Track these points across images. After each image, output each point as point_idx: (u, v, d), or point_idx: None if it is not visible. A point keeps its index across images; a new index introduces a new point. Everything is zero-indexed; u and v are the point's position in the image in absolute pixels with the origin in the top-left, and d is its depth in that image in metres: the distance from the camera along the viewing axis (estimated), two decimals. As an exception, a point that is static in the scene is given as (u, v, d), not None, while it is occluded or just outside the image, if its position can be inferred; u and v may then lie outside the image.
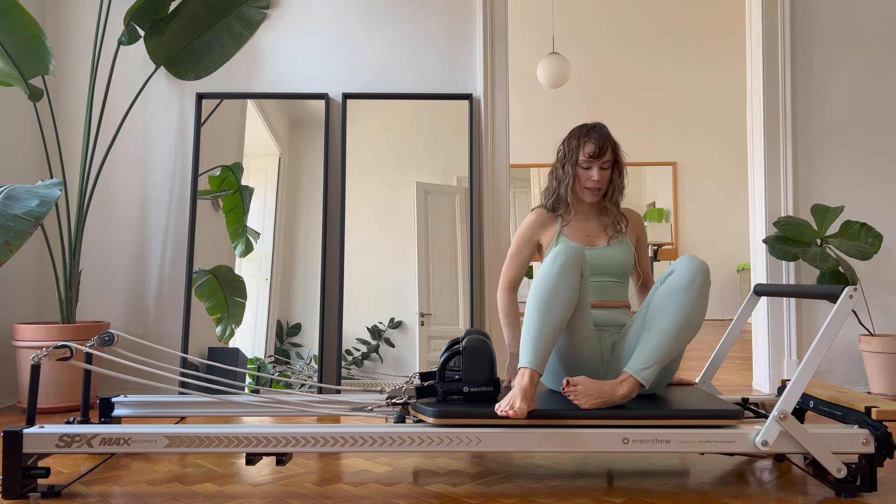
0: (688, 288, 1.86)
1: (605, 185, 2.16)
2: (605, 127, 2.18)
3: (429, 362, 3.11)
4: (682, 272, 1.88)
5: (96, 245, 3.26)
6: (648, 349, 1.87)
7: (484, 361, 1.88)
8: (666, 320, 1.86)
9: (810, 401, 1.99)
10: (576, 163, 2.15)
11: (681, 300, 1.86)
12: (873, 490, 1.72)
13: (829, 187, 3.27)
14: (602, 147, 2.12)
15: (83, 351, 1.97)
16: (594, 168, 2.13)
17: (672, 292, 1.87)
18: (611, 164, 2.15)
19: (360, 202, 3.21)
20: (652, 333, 1.88)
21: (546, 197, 2.25)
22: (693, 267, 1.88)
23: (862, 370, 3.21)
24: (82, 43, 3.31)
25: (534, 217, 2.24)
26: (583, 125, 2.20)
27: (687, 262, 1.89)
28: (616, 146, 2.17)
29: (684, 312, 1.86)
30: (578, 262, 1.88)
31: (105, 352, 2.68)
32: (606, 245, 2.16)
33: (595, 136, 2.13)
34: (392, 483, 1.85)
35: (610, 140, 2.15)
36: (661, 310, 1.88)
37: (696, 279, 1.86)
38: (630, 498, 1.72)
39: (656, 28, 7.33)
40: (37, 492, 1.74)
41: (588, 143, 2.13)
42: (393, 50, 3.31)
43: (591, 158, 2.12)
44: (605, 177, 2.15)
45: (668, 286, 1.89)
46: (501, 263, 3.24)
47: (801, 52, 3.29)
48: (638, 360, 1.87)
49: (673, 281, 1.89)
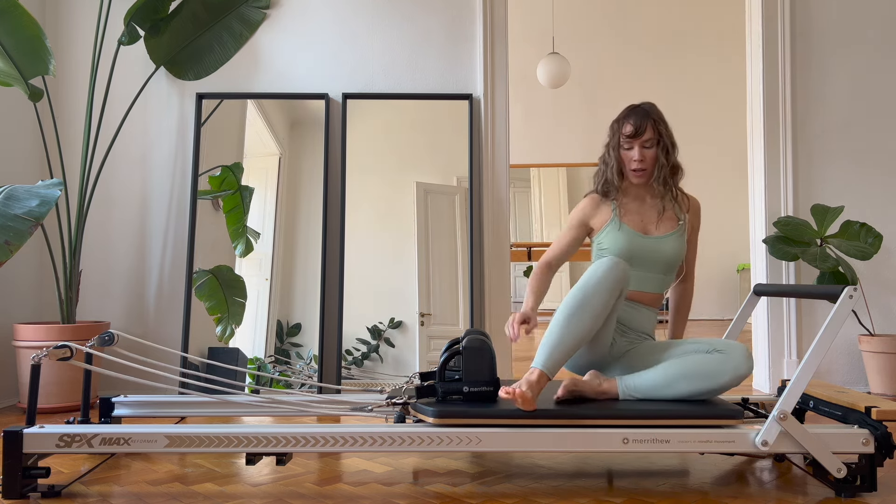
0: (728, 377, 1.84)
1: (649, 165, 2.10)
2: (648, 106, 2.13)
3: (429, 362, 3.11)
4: (738, 362, 1.84)
5: (96, 245, 3.26)
6: (650, 386, 1.88)
7: (484, 361, 1.88)
8: (685, 386, 1.86)
9: (810, 401, 1.99)
10: (618, 145, 2.12)
11: (713, 382, 1.85)
12: (873, 490, 1.72)
13: (829, 187, 3.27)
14: (640, 126, 2.07)
15: (83, 351, 1.97)
16: (635, 148, 2.09)
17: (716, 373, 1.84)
18: (654, 143, 2.09)
19: (360, 202, 3.21)
20: (667, 382, 1.87)
21: (596, 181, 2.20)
22: (747, 364, 1.85)
23: (862, 370, 3.21)
24: (82, 43, 3.31)
25: (587, 201, 2.20)
26: (629, 106, 2.15)
27: (742, 355, 1.85)
28: (658, 123, 2.10)
29: (705, 388, 1.86)
30: (619, 284, 1.87)
31: (105, 352, 2.68)
32: (661, 235, 2.11)
33: (634, 116, 2.09)
34: (392, 483, 1.85)
35: (651, 118, 2.09)
36: (691, 374, 1.85)
37: (737, 374, 1.84)
38: (630, 498, 1.72)
39: (656, 28, 7.33)
40: (37, 492, 1.74)
41: (626, 123, 2.09)
42: (393, 50, 3.31)
43: (630, 138, 2.08)
44: (649, 156, 2.09)
45: (712, 365, 1.85)
46: (501, 263, 3.24)
47: (801, 52, 3.29)
48: (633, 385, 1.90)
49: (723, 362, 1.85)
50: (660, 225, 2.12)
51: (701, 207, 2.26)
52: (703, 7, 7.27)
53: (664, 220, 2.13)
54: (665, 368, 1.89)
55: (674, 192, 2.15)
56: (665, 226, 2.12)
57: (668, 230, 2.12)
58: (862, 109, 3.28)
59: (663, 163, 2.10)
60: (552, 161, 7.41)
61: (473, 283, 3.15)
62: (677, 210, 2.15)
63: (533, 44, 7.08)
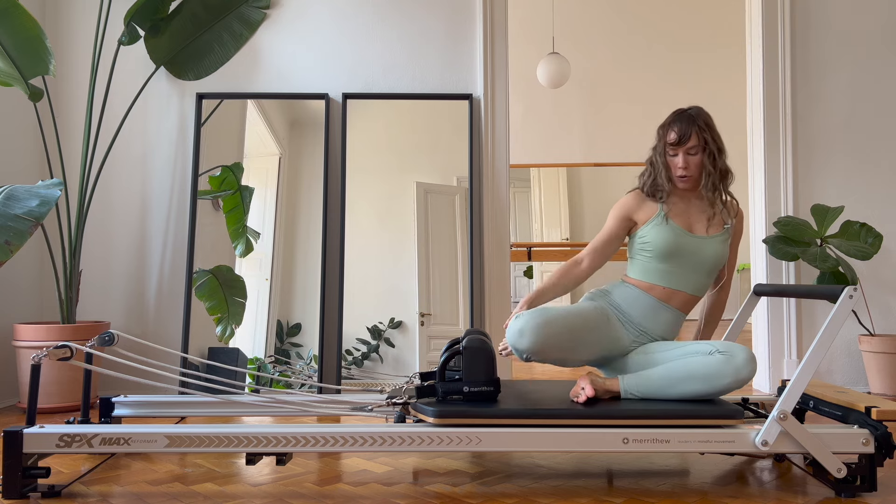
0: (730, 380, 1.84)
1: (695, 172, 2.08)
2: (695, 110, 2.11)
3: (429, 362, 3.11)
4: (740, 365, 1.84)
5: (96, 245, 3.26)
6: (651, 386, 1.90)
7: (484, 361, 1.88)
8: (686, 387, 1.87)
9: (810, 401, 1.99)
10: (664, 150, 2.10)
11: (715, 384, 1.85)
12: (873, 490, 1.72)
13: (829, 187, 3.27)
14: (684, 134, 2.05)
15: (83, 351, 1.97)
16: (680, 155, 2.07)
17: (717, 375, 1.85)
18: (700, 150, 2.06)
19: (360, 202, 3.21)
20: (668, 383, 1.88)
21: (643, 181, 2.16)
22: (749, 367, 1.84)
23: (862, 370, 3.21)
24: (82, 43, 3.31)
25: (631, 196, 2.16)
26: (676, 110, 2.13)
27: (745, 358, 1.85)
28: (705, 129, 2.07)
29: (706, 390, 1.86)
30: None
31: (105, 352, 2.68)
32: (707, 236, 2.09)
33: (678, 123, 2.07)
34: (392, 483, 1.85)
35: (696, 124, 2.06)
36: (692, 376, 1.86)
37: (739, 377, 1.84)
38: (630, 498, 1.72)
39: (656, 28, 7.32)
40: (37, 492, 1.74)
41: (671, 130, 2.08)
42: (393, 50, 3.31)
43: (674, 146, 2.07)
44: (694, 162, 2.07)
45: (714, 367, 1.85)
46: (501, 263, 3.24)
47: (801, 52, 3.29)
48: (634, 384, 1.92)
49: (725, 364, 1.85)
50: (706, 226, 2.10)
51: (743, 217, 2.23)
52: (704, 7, 7.27)
53: (711, 222, 2.11)
54: (667, 369, 1.90)
55: (723, 197, 2.14)
56: (711, 227, 2.10)
57: (715, 232, 2.10)
58: (862, 109, 3.28)
59: (710, 170, 2.08)
60: (552, 161, 7.40)
61: (473, 283, 3.15)
62: (725, 215, 2.13)
63: (533, 44, 7.07)
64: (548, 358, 1.96)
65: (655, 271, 2.08)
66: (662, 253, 2.06)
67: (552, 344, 1.93)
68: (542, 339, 1.91)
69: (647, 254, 2.09)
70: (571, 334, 1.95)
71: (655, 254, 2.07)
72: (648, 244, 2.08)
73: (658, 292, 2.07)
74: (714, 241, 2.09)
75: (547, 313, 1.94)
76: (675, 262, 2.06)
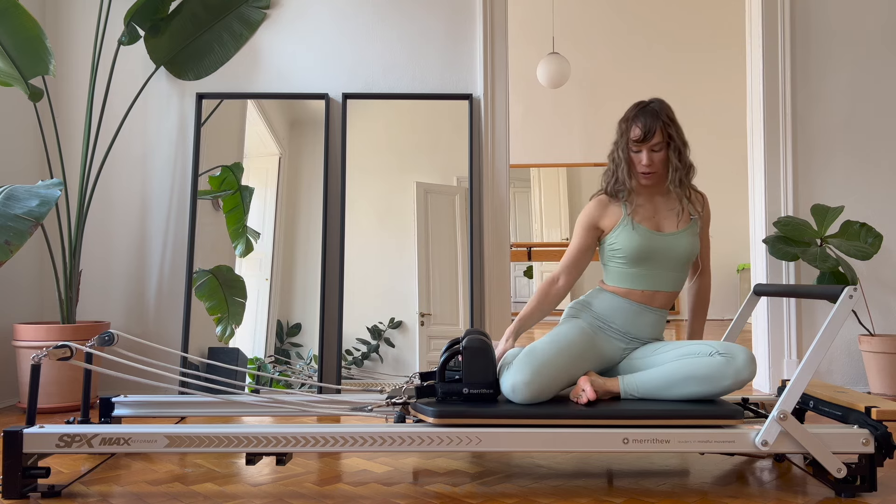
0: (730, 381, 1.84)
1: (659, 168, 2.02)
2: (657, 104, 2.03)
3: (429, 362, 3.11)
4: (741, 367, 1.83)
5: (96, 245, 3.26)
6: (651, 386, 1.90)
7: (484, 362, 1.88)
8: (686, 388, 1.86)
9: (810, 401, 1.99)
10: (627, 145, 2.03)
11: (715, 385, 1.84)
12: (873, 490, 1.72)
13: (829, 187, 3.27)
14: (648, 130, 1.97)
15: (83, 351, 1.97)
16: (644, 152, 1.99)
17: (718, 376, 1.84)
18: (664, 146, 2.00)
19: (360, 202, 3.21)
20: (668, 384, 1.88)
21: (605, 180, 2.10)
22: (750, 369, 1.84)
23: (862, 370, 3.21)
24: (82, 43, 3.31)
25: (593, 203, 2.10)
26: (637, 103, 2.05)
27: (745, 360, 1.84)
28: (669, 124, 2.00)
29: (706, 391, 1.86)
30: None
31: (105, 352, 2.68)
32: (676, 231, 2.05)
33: (642, 118, 1.99)
34: (392, 483, 1.85)
35: (660, 120, 1.99)
36: (692, 377, 1.85)
37: (739, 378, 1.84)
38: (630, 498, 1.72)
39: (656, 28, 7.33)
40: (37, 492, 1.74)
41: (635, 126, 2.00)
42: (393, 50, 3.31)
43: (638, 143, 1.99)
44: (658, 159, 2.00)
45: (714, 368, 1.84)
46: (501, 263, 3.24)
47: (801, 52, 3.29)
48: (634, 385, 1.91)
49: (725, 366, 1.84)
50: (673, 221, 2.06)
51: (708, 200, 2.19)
52: (704, 7, 7.27)
53: (679, 218, 2.06)
54: (667, 370, 1.89)
55: (688, 192, 2.09)
56: (680, 223, 2.06)
57: (682, 226, 2.06)
58: (862, 109, 3.28)
59: (677, 165, 2.02)
60: (552, 161, 7.41)
61: (473, 283, 3.15)
62: (691, 208, 2.09)
63: (533, 44, 7.08)
64: (543, 398, 1.88)
65: (631, 276, 2.05)
66: (634, 258, 2.02)
67: (546, 385, 1.87)
68: (536, 389, 1.85)
69: (619, 260, 2.06)
70: (560, 371, 1.90)
71: (627, 259, 2.03)
72: (619, 251, 2.04)
73: (637, 296, 2.05)
74: (684, 234, 2.05)
75: (534, 362, 1.88)
76: (648, 264, 2.03)
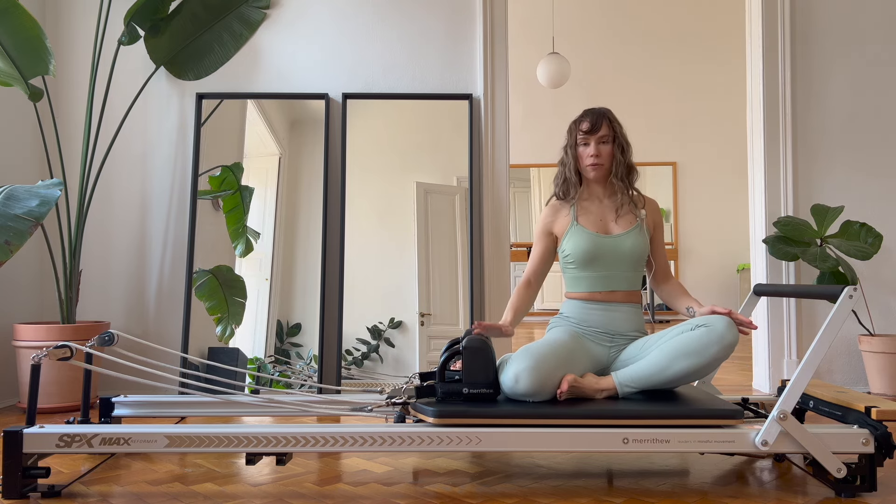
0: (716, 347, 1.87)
1: (606, 160, 2.16)
2: (604, 108, 2.21)
3: (429, 362, 3.11)
4: (723, 332, 1.87)
5: (96, 245, 3.26)
6: (644, 374, 1.91)
7: (484, 362, 1.88)
8: (677, 366, 1.88)
9: (810, 401, 1.99)
10: (575, 144, 2.18)
11: (703, 356, 1.87)
12: (873, 490, 1.72)
13: (829, 187, 3.27)
14: (596, 123, 2.14)
15: (83, 351, 1.97)
16: (591, 144, 2.15)
17: (703, 346, 1.87)
18: (610, 140, 2.16)
19: (361, 202, 3.21)
20: (660, 367, 1.90)
21: (556, 183, 2.26)
22: (731, 332, 1.87)
23: (862, 370, 3.21)
24: (82, 43, 3.31)
25: (546, 209, 2.26)
26: (585, 109, 2.23)
27: (724, 325, 1.88)
28: (615, 122, 2.18)
29: (697, 364, 1.88)
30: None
31: (105, 352, 2.68)
32: (620, 233, 2.14)
33: (590, 115, 2.17)
34: (392, 483, 1.85)
35: (606, 116, 2.17)
36: (680, 353, 1.88)
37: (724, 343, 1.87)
38: (630, 498, 1.72)
39: (656, 28, 7.33)
40: (37, 492, 1.74)
41: (583, 121, 2.17)
42: (393, 50, 3.31)
43: (586, 134, 2.15)
44: (605, 151, 2.15)
45: (699, 340, 1.88)
46: (501, 263, 3.24)
47: (801, 52, 3.29)
48: (628, 377, 1.93)
49: (708, 334, 1.88)
50: (619, 222, 2.15)
51: (659, 206, 2.31)
52: (704, 7, 7.27)
53: (622, 217, 2.16)
54: (655, 355, 1.92)
55: (630, 191, 2.20)
56: (624, 223, 2.15)
57: (627, 227, 2.15)
58: (862, 109, 3.28)
59: (620, 159, 2.17)
60: (552, 161, 7.34)
61: (473, 283, 3.15)
62: (633, 207, 2.19)
63: (533, 44, 7.08)
64: (545, 393, 1.88)
65: (585, 280, 2.13)
66: (582, 260, 2.12)
67: (547, 375, 1.87)
68: (539, 376, 1.86)
69: (571, 266, 2.16)
70: (559, 363, 1.92)
71: (577, 263, 2.13)
72: (569, 256, 2.15)
73: (599, 297, 2.12)
74: (629, 235, 2.13)
75: (534, 353, 1.90)
76: (597, 265, 2.11)
